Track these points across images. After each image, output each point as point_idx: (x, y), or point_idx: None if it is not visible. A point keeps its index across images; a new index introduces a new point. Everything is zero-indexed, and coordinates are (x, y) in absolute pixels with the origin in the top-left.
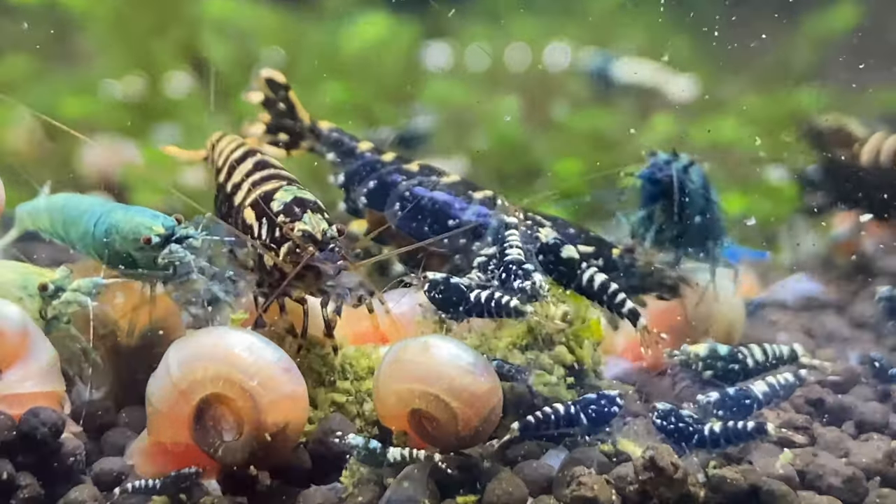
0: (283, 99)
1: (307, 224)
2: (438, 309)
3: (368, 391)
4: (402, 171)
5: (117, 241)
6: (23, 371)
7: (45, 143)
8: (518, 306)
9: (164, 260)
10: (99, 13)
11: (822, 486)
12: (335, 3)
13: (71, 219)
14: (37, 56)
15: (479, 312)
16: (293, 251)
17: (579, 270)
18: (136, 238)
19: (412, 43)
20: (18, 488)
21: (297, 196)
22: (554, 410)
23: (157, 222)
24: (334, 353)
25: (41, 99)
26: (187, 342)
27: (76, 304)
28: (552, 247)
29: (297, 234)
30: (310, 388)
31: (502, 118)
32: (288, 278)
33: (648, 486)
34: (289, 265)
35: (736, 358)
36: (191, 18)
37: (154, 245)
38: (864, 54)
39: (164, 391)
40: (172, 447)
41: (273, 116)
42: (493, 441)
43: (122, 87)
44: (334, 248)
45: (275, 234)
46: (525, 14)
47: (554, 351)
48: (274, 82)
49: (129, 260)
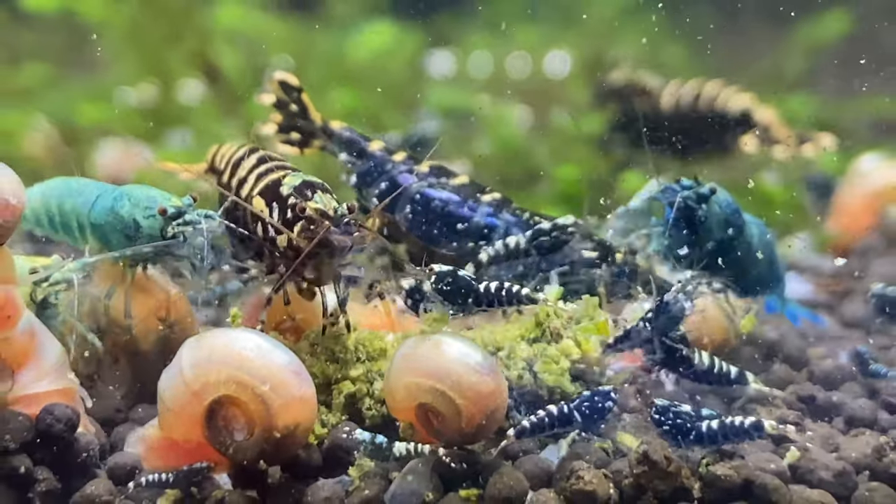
0: (296, 101)
1: (319, 203)
2: (446, 301)
3: (379, 371)
4: (414, 172)
5: (126, 208)
6: (35, 371)
7: (61, 148)
8: (529, 294)
9: (174, 230)
10: (114, 22)
11: (813, 480)
12: (342, 12)
13: (70, 193)
14: (54, 64)
15: (489, 303)
16: (307, 228)
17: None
18: (149, 206)
19: (416, 51)
20: (36, 482)
21: (305, 180)
22: (548, 413)
23: (172, 198)
24: (347, 330)
25: (58, 105)
26: (200, 343)
27: (63, 282)
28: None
29: (310, 211)
30: (323, 364)
31: (505, 123)
32: (307, 250)
33: (643, 479)
34: (304, 241)
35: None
36: (203, 27)
37: (169, 216)
38: (855, 61)
39: (176, 391)
40: (184, 443)
41: (285, 118)
42: (491, 450)
43: (137, 94)
44: (348, 222)
45: (286, 216)
46: (526, 23)
47: (560, 344)
48: (287, 85)
49: (125, 232)
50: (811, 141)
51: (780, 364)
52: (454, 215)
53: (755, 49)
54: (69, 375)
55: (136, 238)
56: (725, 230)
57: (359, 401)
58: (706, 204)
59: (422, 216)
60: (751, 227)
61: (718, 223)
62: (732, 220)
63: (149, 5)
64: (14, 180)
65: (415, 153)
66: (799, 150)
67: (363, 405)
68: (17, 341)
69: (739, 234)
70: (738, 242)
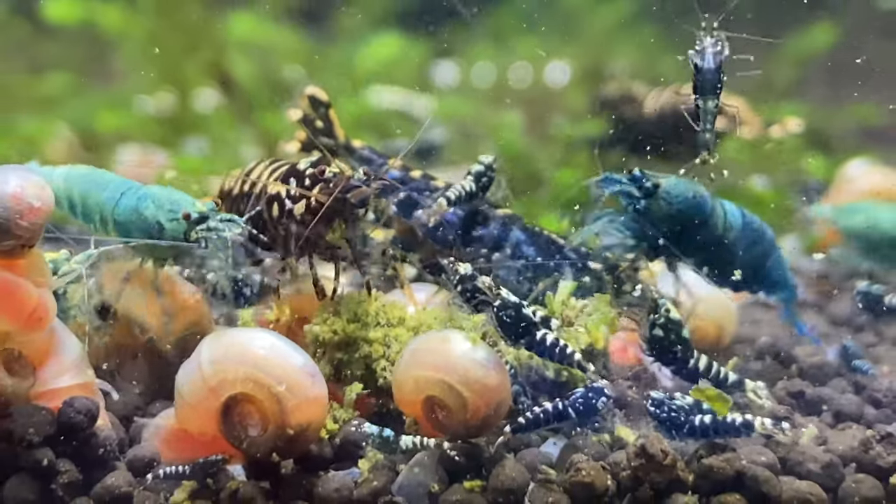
0: (323, 116)
1: (335, 168)
2: (501, 330)
3: (396, 336)
4: (429, 186)
5: (150, 209)
6: (56, 367)
7: (82, 154)
8: (581, 361)
9: (198, 235)
10: (133, 34)
11: (802, 472)
12: (351, 24)
13: (95, 186)
14: (75, 74)
15: (541, 352)
16: (326, 186)
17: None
18: (173, 209)
19: (422, 61)
20: (59, 474)
21: (318, 158)
22: (543, 410)
23: (196, 203)
24: (368, 293)
25: (79, 113)
26: (220, 340)
27: (71, 272)
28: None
29: (328, 173)
30: (344, 322)
31: (507, 130)
32: (328, 202)
33: (640, 471)
34: (324, 197)
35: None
36: (218, 39)
37: (192, 220)
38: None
39: (194, 385)
40: (199, 436)
41: (308, 135)
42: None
43: (154, 103)
44: (365, 179)
45: (305, 185)
46: (527, 34)
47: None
48: (316, 100)
49: (148, 232)
50: (778, 124)
51: (770, 360)
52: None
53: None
54: (88, 371)
55: (158, 239)
56: (677, 223)
57: (374, 362)
58: (650, 198)
59: (437, 224)
60: (731, 219)
61: (666, 216)
62: (686, 213)
63: (166, 18)
64: (37, 184)
65: (421, 161)
66: (767, 132)
67: (378, 366)
68: (38, 339)
69: (701, 226)
70: (701, 233)
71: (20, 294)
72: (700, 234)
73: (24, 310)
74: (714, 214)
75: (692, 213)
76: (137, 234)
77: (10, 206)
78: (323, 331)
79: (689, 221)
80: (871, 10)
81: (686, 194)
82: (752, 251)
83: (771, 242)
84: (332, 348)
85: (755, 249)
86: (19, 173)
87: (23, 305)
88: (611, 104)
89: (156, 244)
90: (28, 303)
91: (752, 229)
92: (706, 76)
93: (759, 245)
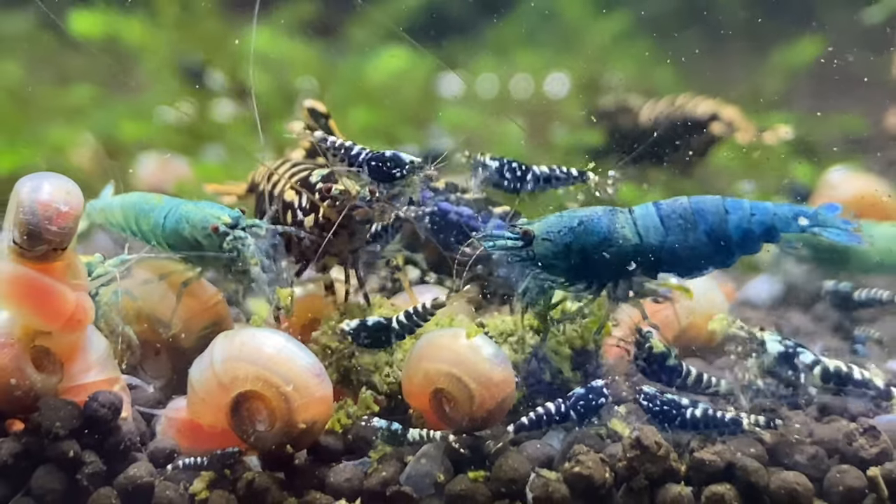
0: (324, 127)
1: (343, 186)
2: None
3: (400, 342)
4: (431, 189)
5: (187, 230)
6: (83, 363)
7: (106, 161)
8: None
9: (230, 245)
10: (154, 47)
11: (789, 463)
12: (361, 38)
13: (143, 212)
14: (99, 85)
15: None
16: (334, 204)
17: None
18: (204, 227)
19: (429, 73)
20: (84, 465)
21: (330, 172)
22: (546, 410)
23: (223, 213)
24: (367, 303)
25: (103, 123)
26: (233, 339)
27: (105, 275)
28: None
29: (335, 191)
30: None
31: (509, 139)
32: (336, 220)
33: (635, 462)
34: (332, 213)
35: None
36: (234, 51)
37: (221, 233)
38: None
39: (206, 381)
40: (209, 429)
41: (324, 153)
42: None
43: (174, 112)
44: (370, 200)
45: (315, 198)
46: (528, 47)
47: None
48: (316, 112)
49: (195, 247)
50: (770, 130)
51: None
52: (469, 226)
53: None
54: (114, 367)
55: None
56: (576, 253)
57: (379, 369)
58: (532, 244)
59: (440, 226)
60: (644, 221)
61: (562, 252)
62: (578, 240)
63: (185, 31)
64: (63, 189)
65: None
66: (760, 137)
67: (382, 373)
68: (67, 337)
69: (605, 243)
70: (610, 250)
71: (57, 297)
72: (608, 251)
73: (63, 312)
74: (613, 228)
75: (584, 238)
76: (185, 250)
77: (40, 212)
78: (330, 341)
79: (588, 246)
80: (855, 25)
81: (569, 224)
82: (694, 234)
83: (716, 212)
84: (340, 358)
85: (697, 231)
86: (49, 180)
87: (61, 308)
88: (607, 115)
89: (201, 255)
90: (66, 306)
91: (677, 216)
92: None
93: (702, 223)
